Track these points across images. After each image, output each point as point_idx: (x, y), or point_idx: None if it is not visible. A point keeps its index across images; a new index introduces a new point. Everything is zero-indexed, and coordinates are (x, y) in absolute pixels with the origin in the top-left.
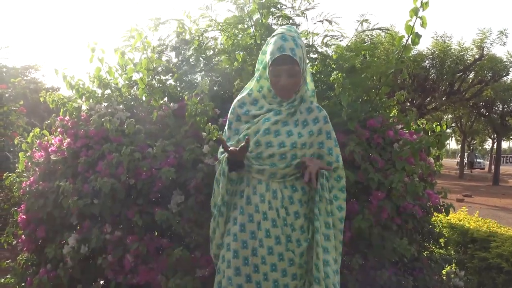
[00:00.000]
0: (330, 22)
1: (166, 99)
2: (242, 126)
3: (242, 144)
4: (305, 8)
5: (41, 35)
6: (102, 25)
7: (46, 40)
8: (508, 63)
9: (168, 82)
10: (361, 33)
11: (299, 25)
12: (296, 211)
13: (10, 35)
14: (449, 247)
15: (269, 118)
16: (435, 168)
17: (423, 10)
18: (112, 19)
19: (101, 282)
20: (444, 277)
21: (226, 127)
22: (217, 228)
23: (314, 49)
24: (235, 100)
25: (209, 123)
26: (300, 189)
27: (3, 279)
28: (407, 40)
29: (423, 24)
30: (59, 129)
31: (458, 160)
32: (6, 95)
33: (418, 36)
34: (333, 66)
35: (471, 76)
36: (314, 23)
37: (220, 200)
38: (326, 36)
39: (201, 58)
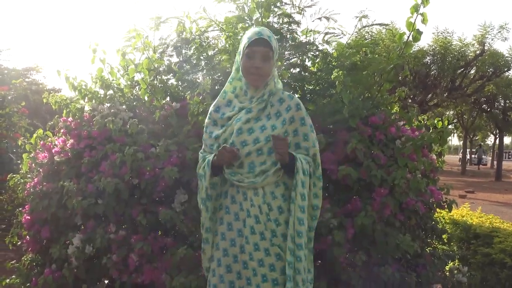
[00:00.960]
0: (328, 19)
1: (168, 98)
2: (218, 130)
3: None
4: (304, 6)
5: (42, 36)
6: (103, 26)
7: (47, 42)
8: (509, 58)
9: (169, 82)
10: (361, 30)
11: (299, 23)
12: (279, 206)
13: (11, 37)
14: (452, 243)
15: (240, 118)
16: (438, 164)
17: (424, 7)
18: (113, 19)
19: (106, 281)
20: (447, 273)
21: (204, 133)
22: (205, 213)
23: (314, 47)
24: (212, 105)
25: None
26: (282, 184)
27: (8, 280)
28: (408, 37)
29: (424, 21)
30: (62, 130)
31: (461, 157)
32: (9, 97)
33: (419, 32)
34: (334, 63)
35: (472, 71)
36: (313, 21)
37: (202, 196)
38: (326, 33)
39: (202, 57)
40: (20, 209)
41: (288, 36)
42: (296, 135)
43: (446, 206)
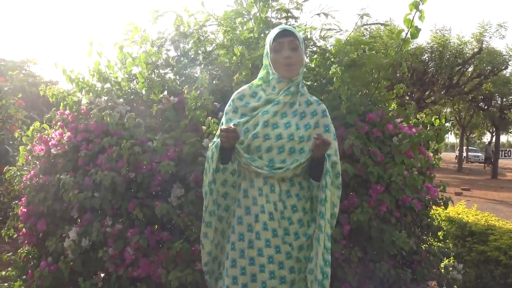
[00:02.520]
0: (326, 15)
1: (165, 92)
2: (238, 118)
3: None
4: (302, 1)
5: (39, 28)
6: (101, 19)
7: (44, 34)
8: (507, 56)
9: (167, 76)
10: (360, 27)
11: (297, 18)
12: (293, 205)
13: (9, 28)
14: (447, 240)
15: (268, 111)
16: (434, 162)
17: (423, 4)
18: (111, 12)
19: (102, 275)
20: (443, 270)
21: (223, 119)
22: (207, 206)
23: (312, 43)
24: (235, 92)
25: (209, 117)
26: (297, 183)
27: (4, 272)
28: (406, 34)
29: (421, 18)
30: (59, 123)
31: (457, 154)
32: (5, 89)
33: (417, 29)
34: (332, 59)
35: (470, 69)
36: (312, 17)
37: (209, 178)
38: (323, 29)
39: (199, 52)
40: (17, 201)
41: None
42: None
43: (442, 203)
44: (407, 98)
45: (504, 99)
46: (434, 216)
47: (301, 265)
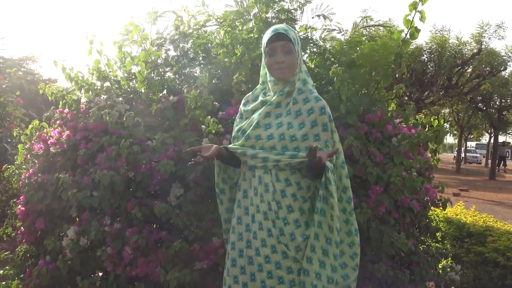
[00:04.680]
0: (325, 17)
1: (165, 92)
2: (242, 123)
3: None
4: (303, 2)
5: (39, 26)
6: (101, 17)
7: (44, 32)
8: (506, 57)
9: (167, 75)
10: (360, 28)
11: (296, 19)
12: (288, 205)
13: (8, 25)
14: (445, 241)
15: (260, 112)
16: (433, 162)
17: (422, 4)
18: (111, 10)
19: (100, 274)
20: (441, 271)
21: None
22: (220, 205)
23: (312, 44)
24: (243, 99)
25: (209, 116)
26: (294, 183)
27: (2, 271)
28: (406, 34)
29: (422, 18)
30: (58, 122)
31: (455, 155)
32: (3, 86)
33: (417, 30)
34: (332, 60)
35: (469, 70)
36: (312, 17)
37: (216, 189)
38: (324, 30)
39: (199, 51)
40: (15, 200)
41: None
42: (318, 140)
43: (440, 204)
44: (406, 98)
45: (503, 100)
46: (432, 217)
47: (300, 266)
